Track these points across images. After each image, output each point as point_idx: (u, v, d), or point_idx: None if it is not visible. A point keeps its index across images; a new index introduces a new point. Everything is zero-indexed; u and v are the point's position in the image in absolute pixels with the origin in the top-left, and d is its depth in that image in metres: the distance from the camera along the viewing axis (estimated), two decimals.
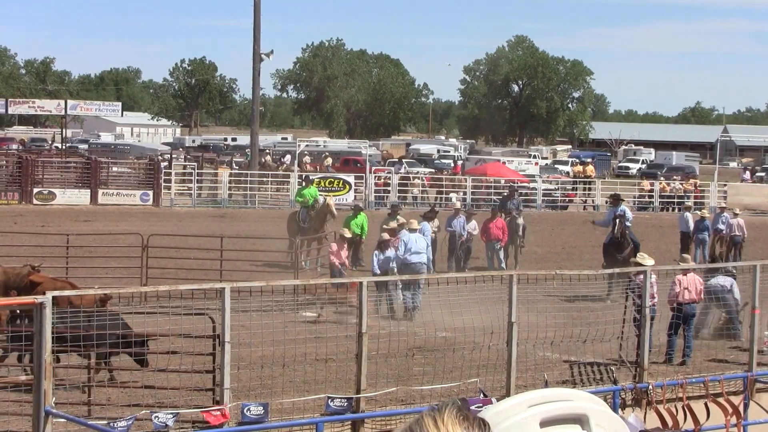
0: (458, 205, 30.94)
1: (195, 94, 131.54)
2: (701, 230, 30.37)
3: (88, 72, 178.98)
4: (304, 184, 31.91)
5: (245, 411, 13.32)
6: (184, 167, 50.32)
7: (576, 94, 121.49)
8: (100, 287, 17.13)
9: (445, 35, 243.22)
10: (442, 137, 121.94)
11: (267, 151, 64.38)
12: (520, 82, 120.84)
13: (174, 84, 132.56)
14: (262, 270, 25.28)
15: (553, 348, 16.13)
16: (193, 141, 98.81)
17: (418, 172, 56.95)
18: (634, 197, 49.85)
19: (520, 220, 28.97)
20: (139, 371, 14.53)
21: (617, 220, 24.67)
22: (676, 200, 49.65)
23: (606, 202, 47.64)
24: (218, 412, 13.07)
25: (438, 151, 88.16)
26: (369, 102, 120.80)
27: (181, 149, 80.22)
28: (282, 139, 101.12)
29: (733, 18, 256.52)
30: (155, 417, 12.71)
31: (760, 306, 16.81)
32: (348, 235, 24.30)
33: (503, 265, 27.69)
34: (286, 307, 16.93)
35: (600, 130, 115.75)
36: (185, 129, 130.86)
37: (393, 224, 24.26)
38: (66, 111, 55.82)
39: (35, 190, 42.92)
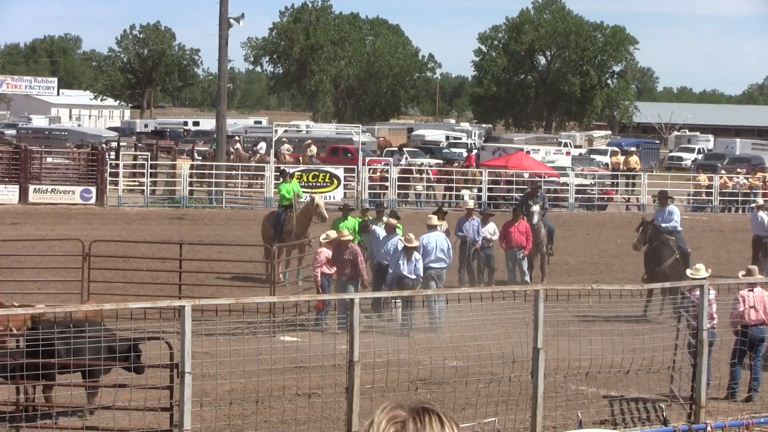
0: (471, 204, 30.89)
1: (148, 68, 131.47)
2: None
3: (16, 41, 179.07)
4: (281, 179, 31.88)
5: None
6: (135, 158, 50.27)
7: (617, 68, 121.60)
8: (25, 305, 17.09)
9: None
10: (452, 121, 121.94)
11: (237, 137, 64.28)
12: (548, 53, 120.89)
13: (122, 55, 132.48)
14: (230, 284, 25.27)
15: (588, 380, 16.12)
16: (146, 126, 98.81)
17: (422, 164, 56.94)
18: (689, 195, 49.85)
19: (539, 223, 28.57)
20: (80, 408, 14.53)
21: (644, 225, 25.12)
22: (740, 198, 49.65)
23: (654, 201, 47.85)
24: None
25: (447, 138, 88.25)
26: (362, 77, 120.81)
27: (131, 136, 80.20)
28: (255, 123, 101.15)
29: None
30: None
31: None
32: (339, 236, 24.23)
33: (527, 278, 27.66)
34: (260, 330, 16.92)
35: (647, 112, 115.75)
36: (136, 111, 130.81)
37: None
38: None
39: None
